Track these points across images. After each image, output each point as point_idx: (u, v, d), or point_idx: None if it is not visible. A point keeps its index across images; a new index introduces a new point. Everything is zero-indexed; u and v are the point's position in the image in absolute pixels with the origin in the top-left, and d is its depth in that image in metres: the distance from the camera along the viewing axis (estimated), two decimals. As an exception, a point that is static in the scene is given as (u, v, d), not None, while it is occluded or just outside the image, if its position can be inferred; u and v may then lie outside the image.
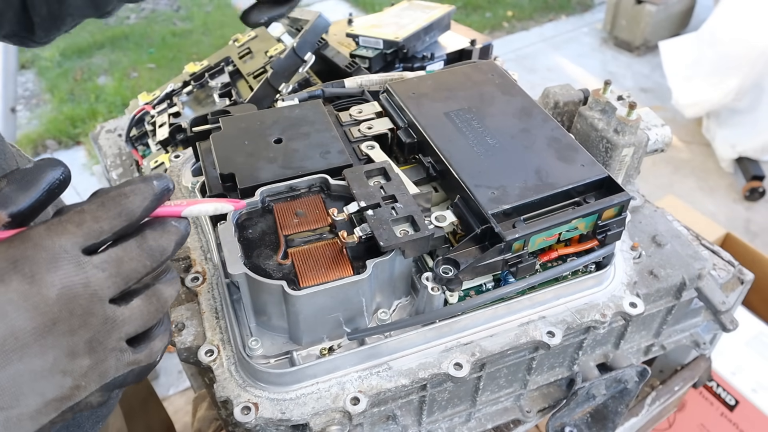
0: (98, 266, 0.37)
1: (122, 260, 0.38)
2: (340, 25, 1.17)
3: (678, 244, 0.80)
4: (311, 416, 0.60)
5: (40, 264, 0.35)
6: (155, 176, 0.41)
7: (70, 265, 0.36)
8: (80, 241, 0.37)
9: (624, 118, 0.77)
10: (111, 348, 0.39)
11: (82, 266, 0.37)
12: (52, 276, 0.35)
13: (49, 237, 0.36)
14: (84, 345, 0.37)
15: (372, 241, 0.60)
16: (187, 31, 3.96)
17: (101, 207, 0.38)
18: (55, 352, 0.36)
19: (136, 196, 0.39)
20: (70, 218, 0.37)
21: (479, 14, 4.11)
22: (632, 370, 0.77)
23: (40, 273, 0.35)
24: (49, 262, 0.36)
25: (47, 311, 0.35)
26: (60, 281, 0.36)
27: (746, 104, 2.63)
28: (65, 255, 0.36)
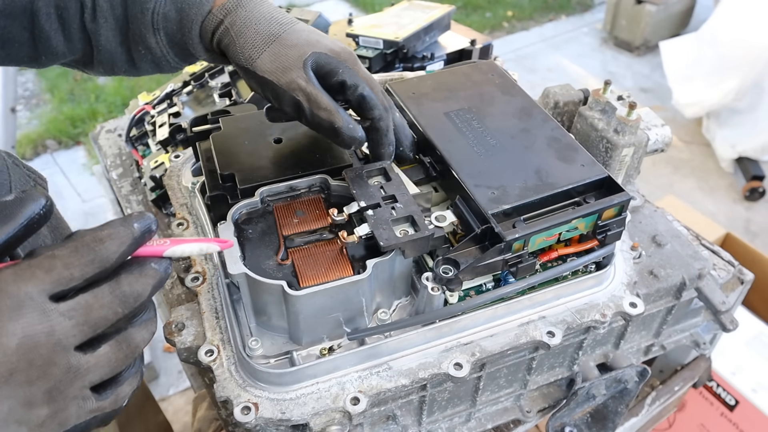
0: (65, 314, 0.36)
1: (92, 307, 0.37)
2: (340, 25, 1.17)
3: (678, 244, 0.80)
4: (311, 416, 0.60)
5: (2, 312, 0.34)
6: (137, 217, 0.39)
7: (34, 313, 0.35)
8: (48, 288, 0.36)
9: (624, 118, 0.77)
10: (72, 396, 0.37)
11: (47, 314, 0.35)
12: (14, 325, 0.34)
13: (15, 283, 0.35)
14: (42, 395, 0.36)
15: (372, 241, 0.60)
16: (187, 31, 3.96)
17: (74, 253, 0.37)
18: (10, 402, 0.34)
19: (113, 242, 0.38)
20: (39, 263, 0.36)
21: (479, 14, 4.11)
22: (632, 370, 0.77)
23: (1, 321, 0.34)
24: (13, 309, 0.34)
25: (5, 361, 0.34)
26: (22, 330, 0.34)
27: (746, 104, 2.63)
28: (30, 302, 0.35)
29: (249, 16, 0.59)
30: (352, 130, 0.59)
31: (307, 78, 0.58)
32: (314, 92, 0.58)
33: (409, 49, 1.04)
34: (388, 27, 1.07)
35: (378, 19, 1.14)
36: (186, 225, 0.75)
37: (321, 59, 0.60)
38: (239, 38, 0.58)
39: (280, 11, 0.63)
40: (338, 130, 0.59)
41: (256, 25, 0.59)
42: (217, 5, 0.60)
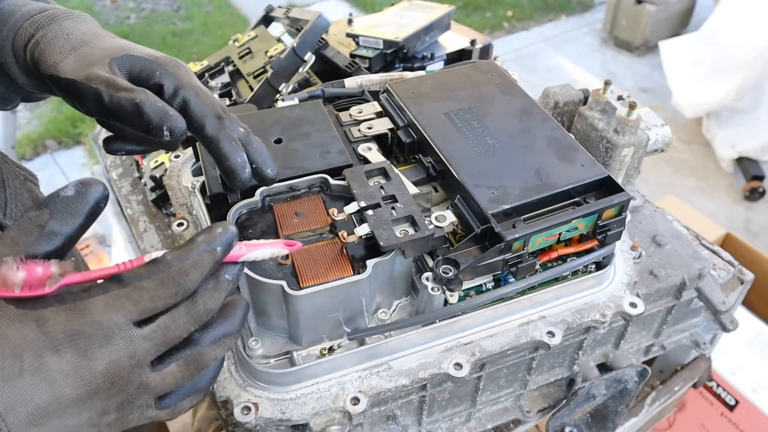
0: (146, 337, 0.38)
1: (169, 328, 0.39)
2: (340, 25, 1.17)
3: (678, 244, 0.80)
4: (311, 416, 0.60)
5: (94, 340, 0.37)
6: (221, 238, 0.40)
7: (121, 341, 0.37)
8: (134, 318, 0.38)
9: (624, 118, 0.77)
10: (138, 405, 0.40)
11: (132, 340, 0.38)
12: (103, 351, 0.37)
13: (107, 314, 0.37)
14: (116, 405, 0.39)
15: (372, 241, 0.60)
16: (187, 31, 3.96)
17: (160, 286, 0.38)
18: (90, 413, 0.38)
19: (197, 271, 0.39)
20: (128, 294, 0.38)
21: (479, 14, 4.10)
22: (632, 370, 0.77)
23: (92, 348, 0.37)
24: (103, 338, 0.37)
25: (92, 382, 0.37)
26: (109, 356, 0.37)
27: (746, 104, 2.63)
28: (118, 332, 0.37)
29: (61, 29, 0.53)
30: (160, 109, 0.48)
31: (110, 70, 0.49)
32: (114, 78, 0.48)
33: (409, 49, 1.04)
34: (388, 27, 1.07)
35: (378, 19, 1.14)
36: (186, 225, 0.75)
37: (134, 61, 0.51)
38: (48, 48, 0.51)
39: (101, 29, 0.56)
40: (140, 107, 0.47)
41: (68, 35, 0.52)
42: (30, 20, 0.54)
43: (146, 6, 4.28)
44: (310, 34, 0.98)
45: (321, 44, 1.04)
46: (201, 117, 0.52)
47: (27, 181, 0.67)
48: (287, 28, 1.15)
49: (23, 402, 0.35)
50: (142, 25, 4.02)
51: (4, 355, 0.35)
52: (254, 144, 0.55)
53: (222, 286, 0.41)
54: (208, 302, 0.40)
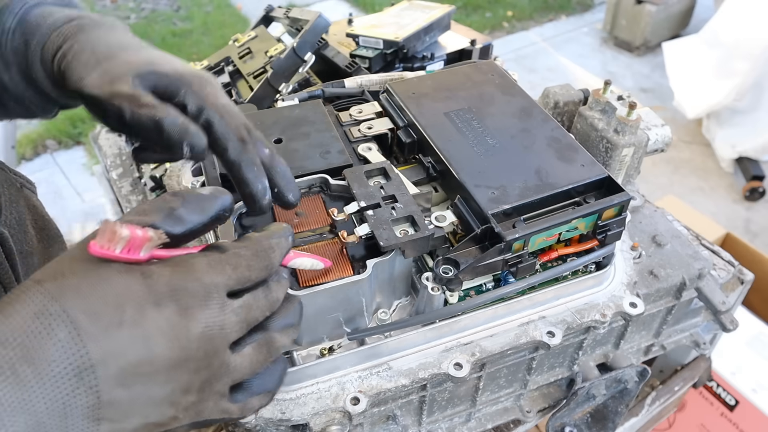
0: (235, 311, 0.39)
1: (251, 307, 0.40)
2: (340, 25, 1.17)
3: (678, 244, 0.80)
4: (311, 416, 0.60)
5: (195, 298, 0.37)
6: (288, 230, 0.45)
7: (217, 306, 0.38)
8: (231, 284, 0.39)
9: (624, 118, 0.77)
10: (215, 391, 0.40)
11: (224, 309, 0.38)
12: (202, 313, 0.37)
13: (209, 274, 0.38)
14: (199, 384, 0.39)
15: (372, 241, 0.60)
16: (187, 31, 3.96)
17: (255, 257, 0.41)
18: (175, 384, 0.37)
19: (280, 251, 0.43)
20: (228, 259, 0.40)
21: (479, 14, 4.10)
22: (632, 370, 0.77)
23: (193, 308, 0.37)
24: (203, 298, 0.37)
25: (187, 347, 0.37)
26: (206, 320, 0.37)
27: (746, 104, 2.64)
28: (216, 295, 0.38)
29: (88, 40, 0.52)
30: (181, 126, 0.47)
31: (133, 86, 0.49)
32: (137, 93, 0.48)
33: (409, 49, 1.04)
34: (388, 27, 1.07)
35: (378, 19, 1.14)
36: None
37: (158, 77, 0.50)
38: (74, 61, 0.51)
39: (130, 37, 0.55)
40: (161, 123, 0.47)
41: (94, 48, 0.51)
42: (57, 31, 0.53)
43: (146, 6, 4.28)
44: (310, 34, 0.98)
45: (321, 44, 1.04)
46: (224, 140, 0.51)
47: (24, 188, 0.67)
48: (287, 28, 1.15)
49: (116, 356, 0.34)
50: (142, 25, 4.02)
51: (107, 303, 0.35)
52: (279, 168, 0.54)
53: (283, 281, 0.44)
54: (278, 291, 0.43)
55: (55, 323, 0.34)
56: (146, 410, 0.37)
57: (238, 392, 0.43)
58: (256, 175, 0.52)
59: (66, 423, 0.34)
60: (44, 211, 0.71)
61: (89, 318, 0.34)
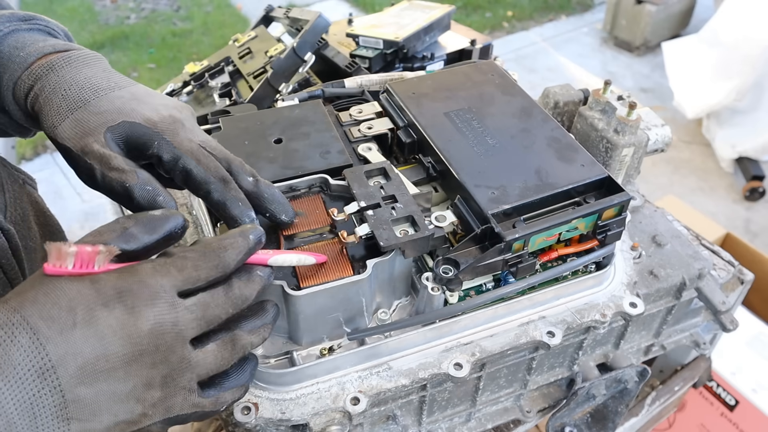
0: (188, 308, 0.41)
1: (209, 305, 0.42)
2: (340, 25, 1.17)
3: (678, 244, 0.80)
4: (311, 416, 0.60)
5: (141, 299, 0.39)
6: (251, 230, 0.46)
7: (165, 304, 0.40)
8: (178, 284, 0.41)
9: (624, 118, 0.77)
10: (181, 386, 0.42)
11: (175, 306, 0.40)
12: (149, 311, 0.39)
13: (153, 276, 0.40)
14: (160, 379, 0.41)
15: (372, 241, 0.60)
16: (187, 31, 3.96)
17: (202, 257, 0.43)
18: (135, 380, 0.40)
19: (233, 250, 0.44)
20: (173, 262, 0.42)
21: (479, 14, 4.11)
22: (632, 370, 0.77)
23: (139, 307, 0.39)
24: (149, 298, 0.39)
25: (138, 342, 0.39)
26: (154, 317, 0.39)
27: (746, 104, 2.64)
28: (163, 294, 0.40)
29: (60, 82, 0.52)
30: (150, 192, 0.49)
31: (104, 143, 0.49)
32: (107, 154, 0.49)
33: (409, 49, 1.04)
34: (388, 27, 1.07)
35: (378, 19, 1.14)
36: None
37: (132, 129, 0.50)
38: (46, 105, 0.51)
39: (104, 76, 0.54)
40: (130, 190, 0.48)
41: (66, 91, 0.51)
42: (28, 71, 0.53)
43: (146, 6, 4.28)
44: (310, 34, 0.98)
45: (321, 44, 1.04)
46: (205, 184, 0.52)
47: (26, 184, 0.67)
48: (287, 28, 1.15)
49: (74, 355, 0.37)
50: (142, 25, 4.02)
51: (60, 307, 0.37)
52: (266, 193, 0.56)
53: (254, 279, 0.46)
54: (243, 289, 0.45)
55: (17, 331, 0.36)
56: (113, 407, 0.39)
57: (210, 388, 0.45)
58: (242, 210, 0.53)
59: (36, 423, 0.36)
60: (45, 206, 0.71)
61: (46, 323, 0.37)
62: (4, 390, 0.35)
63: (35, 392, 0.36)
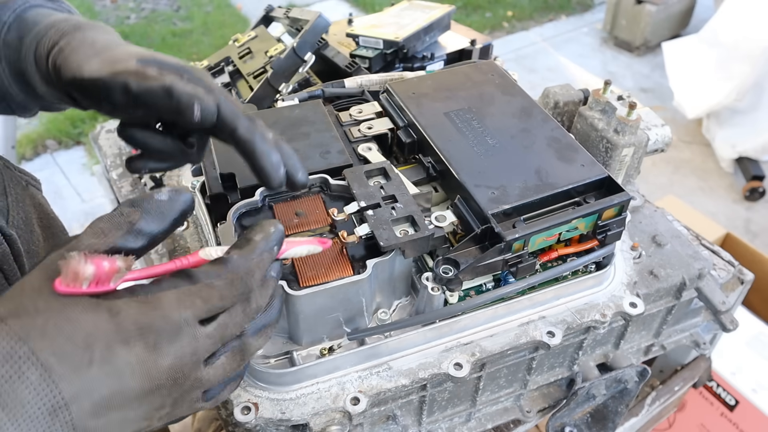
0: (209, 335, 0.39)
1: (227, 326, 0.41)
2: (340, 25, 1.17)
3: (678, 244, 0.80)
4: (311, 416, 0.60)
5: (163, 336, 0.37)
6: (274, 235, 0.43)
7: (187, 338, 0.38)
8: (201, 315, 0.39)
9: (624, 118, 0.77)
10: (189, 400, 0.41)
11: (197, 337, 0.39)
12: (170, 347, 0.38)
13: (178, 310, 0.38)
14: (171, 401, 0.40)
15: (372, 241, 0.60)
16: (187, 31, 3.96)
17: (230, 286, 0.40)
18: (148, 407, 0.39)
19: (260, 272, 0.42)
20: (199, 292, 0.39)
21: (479, 14, 4.10)
22: (632, 370, 0.77)
23: (161, 344, 0.37)
24: (172, 333, 0.38)
25: (157, 377, 0.38)
26: (174, 353, 0.38)
27: (746, 104, 2.63)
28: (186, 329, 0.38)
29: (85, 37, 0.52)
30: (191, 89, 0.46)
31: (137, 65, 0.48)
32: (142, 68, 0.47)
33: (409, 49, 1.04)
34: (388, 27, 1.07)
35: (378, 19, 1.14)
36: (186, 225, 0.75)
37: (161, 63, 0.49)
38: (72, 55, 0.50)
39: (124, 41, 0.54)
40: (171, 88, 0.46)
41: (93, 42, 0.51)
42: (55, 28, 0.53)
43: (146, 6, 4.28)
44: (310, 34, 0.98)
45: (321, 44, 1.04)
46: (234, 118, 0.49)
47: (29, 186, 0.67)
48: (287, 28, 1.15)
49: (89, 393, 0.35)
50: (142, 25, 4.02)
51: (75, 343, 0.35)
52: (285, 149, 0.53)
53: (269, 284, 0.44)
54: (260, 300, 0.43)
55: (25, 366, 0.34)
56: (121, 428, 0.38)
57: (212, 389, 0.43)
58: (269, 148, 0.50)
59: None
60: (49, 208, 0.71)
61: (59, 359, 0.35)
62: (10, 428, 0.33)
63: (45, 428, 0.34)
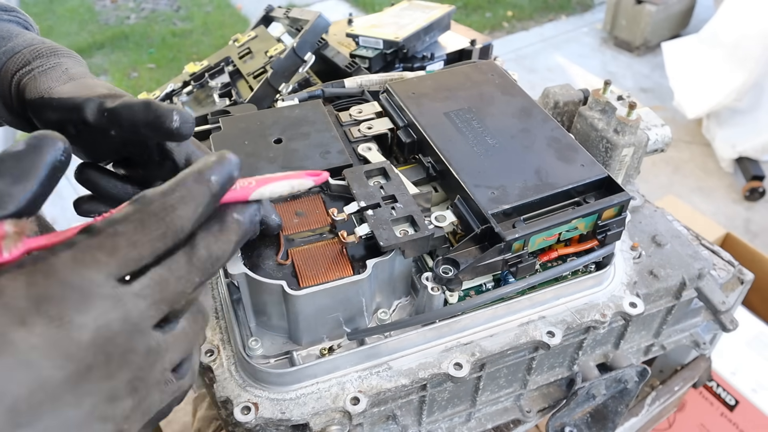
0: (139, 294, 0.32)
1: (167, 282, 0.33)
2: (340, 25, 1.17)
3: (678, 244, 0.80)
4: (311, 416, 0.60)
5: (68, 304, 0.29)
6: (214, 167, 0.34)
7: (105, 301, 0.30)
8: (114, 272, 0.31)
9: (624, 118, 0.77)
10: (155, 382, 0.34)
11: (120, 299, 0.31)
12: (84, 317, 0.30)
13: (77, 271, 0.30)
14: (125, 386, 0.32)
15: (372, 241, 0.60)
16: (187, 31, 3.96)
17: (140, 227, 0.32)
18: (92, 398, 0.31)
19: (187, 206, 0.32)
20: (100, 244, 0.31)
21: (479, 14, 4.11)
22: (632, 370, 0.77)
23: (68, 315, 0.29)
24: (79, 301, 0.30)
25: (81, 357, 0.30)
26: (93, 322, 0.30)
27: (746, 104, 2.64)
28: (98, 290, 0.30)
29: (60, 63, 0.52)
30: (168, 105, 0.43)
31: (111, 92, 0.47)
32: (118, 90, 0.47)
33: (409, 49, 1.04)
34: (387, 27, 1.07)
35: (378, 19, 1.14)
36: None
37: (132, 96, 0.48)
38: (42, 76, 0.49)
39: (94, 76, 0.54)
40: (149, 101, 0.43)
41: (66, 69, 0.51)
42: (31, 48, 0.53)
43: (146, 6, 4.28)
44: (310, 34, 0.98)
45: (321, 44, 1.04)
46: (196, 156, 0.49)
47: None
48: (287, 28, 1.15)
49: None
50: (142, 25, 4.02)
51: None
52: None
53: (230, 228, 0.35)
54: (213, 247, 0.34)
55: None
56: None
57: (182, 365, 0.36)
58: None
59: None
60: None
61: None
62: None
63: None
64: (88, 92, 0.47)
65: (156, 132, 0.43)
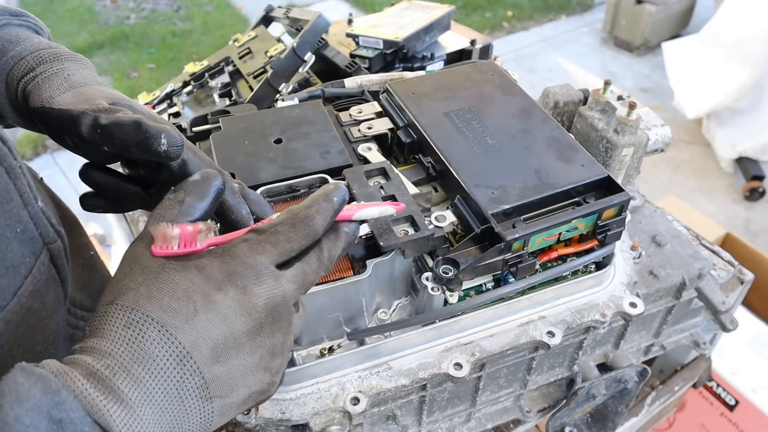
0: (291, 280, 0.43)
1: (306, 273, 0.45)
2: (340, 25, 1.17)
3: (678, 244, 0.80)
4: (311, 416, 0.60)
5: (248, 278, 0.41)
6: (334, 191, 0.46)
7: (270, 280, 0.42)
8: (275, 259, 0.43)
9: (624, 118, 0.77)
10: (289, 347, 0.45)
11: (279, 280, 0.43)
12: (259, 288, 0.41)
13: (252, 255, 0.42)
14: (280, 345, 0.43)
15: (372, 241, 0.60)
16: (187, 31, 3.96)
17: (293, 228, 0.44)
18: (261, 351, 0.42)
19: (320, 216, 0.45)
20: (267, 238, 0.43)
21: (479, 14, 4.11)
22: (632, 370, 0.77)
23: (249, 285, 0.41)
24: (255, 276, 0.41)
25: (257, 317, 0.41)
26: (265, 293, 0.42)
27: (746, 104, 2.64)
28: (266, 271, 0.42)
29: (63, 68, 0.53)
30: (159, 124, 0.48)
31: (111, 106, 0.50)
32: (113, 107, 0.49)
33: (409, 49, 1.04)
34: (387, 27, 1.07)
35: (378, 19, 1.14)
36: (186, 225, 0.75)
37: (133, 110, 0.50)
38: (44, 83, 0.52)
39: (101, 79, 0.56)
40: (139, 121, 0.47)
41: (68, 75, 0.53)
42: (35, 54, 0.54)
43: (146, 6, 4.28)
44: (310, 34, 0.98)
45: (321, 44, 1.04)
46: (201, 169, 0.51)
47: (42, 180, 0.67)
48: (287, 28, 1.15)
49: (204, 338, 0.39)
50: (142, 25, 4.02)
51: (178, 298, 0.39)
52: (251, 196, 0.56)
53: (341, 236, 0.47)
54: (332, 250, 0.47)
55: (144, 327, 0.38)
56: (246, 380, 0.41)
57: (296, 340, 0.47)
58: (237, 201, 0.53)
59: (184, 406, 0.38)
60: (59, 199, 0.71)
61: (169, 315, 0.39)
62: (151, 382, 0.37)
63: (178, 378, 0.38)
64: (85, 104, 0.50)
65: (144, 153, 0.48)
